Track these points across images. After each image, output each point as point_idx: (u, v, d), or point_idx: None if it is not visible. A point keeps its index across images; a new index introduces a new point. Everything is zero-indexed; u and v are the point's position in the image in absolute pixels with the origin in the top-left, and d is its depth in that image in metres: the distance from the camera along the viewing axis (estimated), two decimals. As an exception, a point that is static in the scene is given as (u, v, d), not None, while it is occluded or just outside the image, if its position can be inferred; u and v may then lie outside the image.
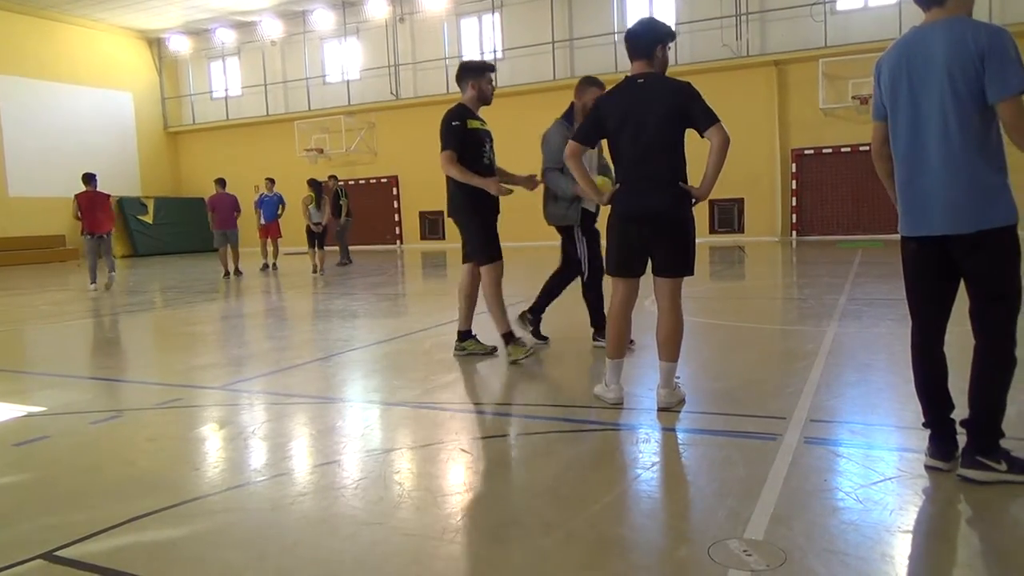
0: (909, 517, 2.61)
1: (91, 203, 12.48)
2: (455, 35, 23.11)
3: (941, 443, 2.88)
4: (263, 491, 2.99)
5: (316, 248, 14.76)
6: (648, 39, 3.82)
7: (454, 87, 5.64)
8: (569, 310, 6.22)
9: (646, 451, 3.35)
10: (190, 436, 3.88)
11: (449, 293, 10.65)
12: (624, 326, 4.00)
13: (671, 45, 3.98)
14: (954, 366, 2.93)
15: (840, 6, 18.71)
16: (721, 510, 2.61)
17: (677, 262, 3.85)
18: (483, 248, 5.18)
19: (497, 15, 22.32)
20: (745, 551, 2.27)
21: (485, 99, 5.20)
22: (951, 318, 2.91)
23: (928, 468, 2.88)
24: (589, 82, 5.31)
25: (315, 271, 14.65)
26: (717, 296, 9.65)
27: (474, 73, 5.14)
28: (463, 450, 3.41)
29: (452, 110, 5.10)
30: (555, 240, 5.79)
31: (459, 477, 3.11)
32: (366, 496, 2.88)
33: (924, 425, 2.95)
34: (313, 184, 15.51)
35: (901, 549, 2.36)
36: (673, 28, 4.03)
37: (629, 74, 3.88)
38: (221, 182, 15.40)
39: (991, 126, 2.66)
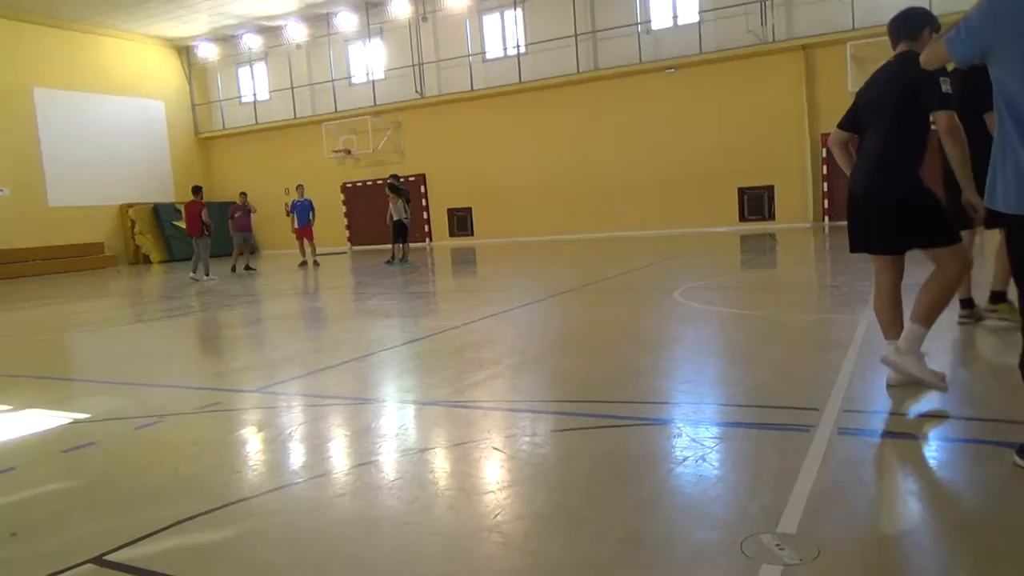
0: (947, 509, 2.59)
1: (186, 211, 15.73)
2: (478, 32, 23.14)
3: None
4: (302, 493, 3.06)
5: (402, 243, 16.23)
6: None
7: (479, 83, 5.65)
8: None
9: (679, 446, 3.36)
10: (230, 439, 3.98)
11: (479, 290, 10.73)
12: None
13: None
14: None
15: (867, -13, 18.36)
16: (753, 504, 2.62)
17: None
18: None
19: (519, 10, 22.30)
20: (778, 545, 2.28)
21: None
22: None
23: None
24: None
25: (392, 261, 16.16)
26: (749, 286, 9.57)
27: None
28: (496, 448, 3.45)
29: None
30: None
31: (493, 475, 3.15)
32: (402, 496, 2.93)
33: None
34: (393, 187, 16.33)
35: (939, 542, 2.35)
36: (697, 16, 3.98)
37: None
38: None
39: None
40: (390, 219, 16.27)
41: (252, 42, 26.52)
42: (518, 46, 22.44)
